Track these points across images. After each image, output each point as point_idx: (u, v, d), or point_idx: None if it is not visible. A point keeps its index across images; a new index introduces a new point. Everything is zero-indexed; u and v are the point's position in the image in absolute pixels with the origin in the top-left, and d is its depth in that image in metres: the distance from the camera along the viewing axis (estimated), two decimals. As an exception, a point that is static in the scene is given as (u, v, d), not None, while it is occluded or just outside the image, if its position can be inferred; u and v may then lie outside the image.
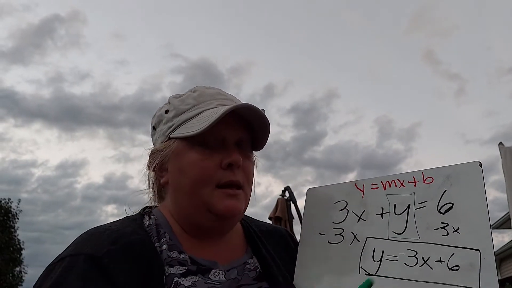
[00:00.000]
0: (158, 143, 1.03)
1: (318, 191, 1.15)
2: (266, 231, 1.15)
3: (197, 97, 1.01)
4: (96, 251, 0.85)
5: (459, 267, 0.88)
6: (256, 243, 1.08)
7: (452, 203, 0.96)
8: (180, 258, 0.93)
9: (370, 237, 1.00)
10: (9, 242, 22.50)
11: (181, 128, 0.98)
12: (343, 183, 1.12)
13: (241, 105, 0.95)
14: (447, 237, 0.92)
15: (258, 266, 1.03)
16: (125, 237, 0.89)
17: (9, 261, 22.13)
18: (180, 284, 0.88)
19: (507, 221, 15.52)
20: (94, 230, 0.92)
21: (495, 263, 0.88)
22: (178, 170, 0.97)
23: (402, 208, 1.00)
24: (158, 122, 1.04)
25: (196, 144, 0.96)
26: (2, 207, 23.04)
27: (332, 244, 1.04)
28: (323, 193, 1.13)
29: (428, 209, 0.97)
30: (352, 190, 1.09)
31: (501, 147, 4.75)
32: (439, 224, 0.94)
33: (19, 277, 22.93)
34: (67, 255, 0.86)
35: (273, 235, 1.15)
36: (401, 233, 0.97)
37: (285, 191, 6.38)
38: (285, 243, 1.15)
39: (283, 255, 1.09)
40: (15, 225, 23.44)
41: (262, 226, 1.17)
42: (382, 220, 1.01)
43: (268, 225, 1.21)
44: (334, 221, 1.07)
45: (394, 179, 1.05)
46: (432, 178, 1.01)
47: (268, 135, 1.02)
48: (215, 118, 0.92)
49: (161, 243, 0.94)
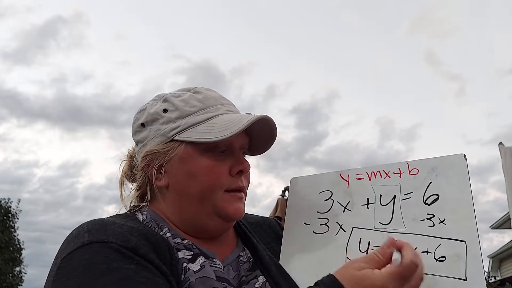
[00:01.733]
0: (153, 143, 0.98)
1: (302, 180, 1.14)
2: (255, 223, 1.15)
3: (202, 99, 0.99)
4: (123, 240, 0.82)
5: (445, 258, 0.88)
6: (246, 234, 1.08)
7: (438, 194, 0.95)
8: (185, 243, 0.94)
9: (356, 228, 0.99)
10: (9, 242, 22.51)
11: (190, 131, 0.95)
12: (327, 173, 1.11)
13: (263, 118, 0.96)
14: (433, 228, 0.92)
15: (251, 257, 1.03)
16: (135, 229, 0.88)
17: (9, 261, 22.14)
18: (189, 270, 0.88)
19: (507, 221, 15.51)
20: (102, 221, 0.88)
21: (480, 254, 0.87)
22: (186, 174, 0.95)
23: (388, 199, 0.99)
24: (151, 120, 0.99)
25: (206, 150, 0.95)
26: (2, 207, 23.06)
27: (318, 234, 1.03)
28: (308, 183, 1.12)
29: (414, 200, 0.97)
30: (337, 180, 1.08)
31: (501, 147, 4.74)
32: (425, 215, 0.94)
33: (19, 277, 22.94)
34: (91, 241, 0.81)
35: (262, 225, 1.16)
36: (387, 223, 0.97)
37: (285, 191, 6.38)
38: (274, 233, 1.15)
39: (273, 244, 1.09)
40: (15, 225, 23.48)
41: (250, 218, 1.17)
42: (368, 211, 1.00)
43: (257, 216, 1.21)
44: (319, 211, 1.06)
45: (379, 170, 1.04)
46: (418, 170, 1.00)
47: (271, 146, 1.05)
48: (239, 129, 0.91)
49: (164, 232, 0.94)
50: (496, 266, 18.79)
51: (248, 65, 60.21)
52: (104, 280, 0.74)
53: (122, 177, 1.07)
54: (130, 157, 1.08)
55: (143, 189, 1.02)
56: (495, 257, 18.35)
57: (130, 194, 1.05)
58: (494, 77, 42.23)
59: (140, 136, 1.01)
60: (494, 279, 15.86)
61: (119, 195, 1.06)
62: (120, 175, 1.07)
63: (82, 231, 0.85)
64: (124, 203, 1.05)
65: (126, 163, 1.08)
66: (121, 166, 1.08)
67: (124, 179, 1.07)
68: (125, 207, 1.04)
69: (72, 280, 0.75)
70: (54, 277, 0.78)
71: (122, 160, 1.09)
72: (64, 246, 0.84)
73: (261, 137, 1.03)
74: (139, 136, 1.02)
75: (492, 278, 16.59)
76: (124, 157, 1.09)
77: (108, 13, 60.45)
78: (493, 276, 17.63)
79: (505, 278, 14.64)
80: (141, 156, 0.99)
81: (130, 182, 1.07)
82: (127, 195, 1.06)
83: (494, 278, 16.91)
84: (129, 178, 1.07)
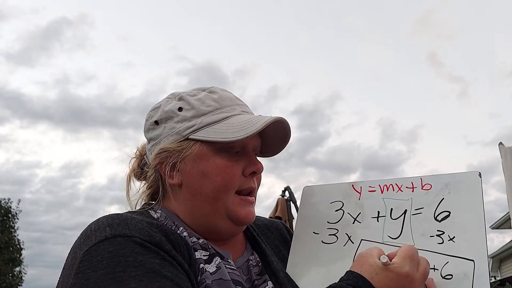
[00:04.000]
0: (167, 141, 0.97)
1: (314, 189, 1.14)
2: (263, 225, 1.15)
3: (218, 99, 0.98)
4: (147, 235, 0.81)
5: (452, 276, 0.87)
6: (255, 238, 1.07)
7: (449, 211, 0.95)
8: (201, 243, 0.93)
9: (365, 240, 0.99)
10: (9, 242, 22.49)
11: (205, 131, 0.94)
12: (340, 183, 1.11)
13: (279, 119, 0.96)
14: (442, 245, 0.91)
15: (260, 261, 1.03)
16: (154, 225, 0.87)
17: (9, 261, 22.12)
18: (206, 271, 0.88)
19: (507, 221, 15.51)
20: (121, 216, 0.87)
21: (488, 274, 0.87)
22: (199, 173, 0.95)
23: (399, 213, 0.99)
24: (165, 118, 0.98)
25: (221, 150, 0.95)
26: (2, 207, 23.03)
27: (326, 244, 1.03)
28: (319, 192, 1.12)
29: (425, 215, 0.96)
30: (349, 191, 1.07)
31: (501, 147, 4.73)
32: (435, 231, 0.94)
33: (19, 277, 22.93)
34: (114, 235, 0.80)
35: (270, 228, 1.16)
36: (396, 237, 0.96)
37: (285, 191, 6.38)
38: (282, 236, 1.15)
39: (281, 248, 1.10)
40: (15, 225, 23.46)
41: (257, 220, 1.16)
42: (378, 224, 1.00)
43: (264, 219, 1.21)
44: (329, 221, 1.06)
45: (392, 183, 1.03)
46: (431, 185, 1.00)
47: (284, 147, 1.05)
48: (256, 129, 0.91)
49: (180, 230, 0.94)
50: (496, 266, 18.80)
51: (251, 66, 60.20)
52: (131, 272, 0.74)
53: (130, 174, 1.06)
54: (140, 154, 1.07)
55: (154, 187, 1.01)
56: (495, 257, 18.35)
57: (139, 192, 1.04)
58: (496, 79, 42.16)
59: (154, 133, 1.00)
60: (494, 279, 15.86)
61: (126, 192, 1.05)
62: (128, 172, 1.06)
63: (102, 225, 0.83)
64: (130, 201, 1.04)
65: (135, 161, 1.07)
66: (130, 163, 1.07)
67: (131, 176, 1.06)
68: (130, 204, 1.03)
69: (98, 272, 0.74)
70: (77, 270, 0.76)
71: (131, 157, 1.08)
72: (83, 240, 0.82)
73: (274, 139, 1.03)
74: (152, 134, 1.01)
75: (492, 278, 16.59)
76: (127, 156, 1.08)
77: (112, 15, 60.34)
78: (493, 276, 17.64)
79: (505, 278, 14.64)
80: (154, 153, 0.98)
81: (138, 180, 1.06)
82: (133, 193, 1.05)
83: (494, 278, 16.92)
84: (138, 176, 1.06)
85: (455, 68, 48.76)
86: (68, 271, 0.79)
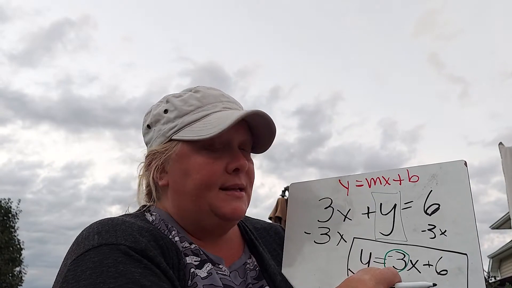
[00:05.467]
0: (155, 144, 1.00)
1: (301, 186, 1.11)
2: (261, 229, 1.15)
3: (200, 98, 0.99)
4: (132, 242, 0.82)
5: (447, 272, 0.86)
6: (253, 241, 1.07)
7: (439, 204, 0.93)
8: (192, 248, 0.94)
9: (357, 238, 0.97)
10: (9, 242, 22.51)
11: (185, 130, 0.96)
12: (327, 179, 1.08)
13: (254, 112, 0.94)
14: (434, 240, 0.90)
15: (257, 265, 1.02)
16: (145, 229, 0.88)
17: (9, 261, 22.15)
18: (197, 275, 0.88)
19: (507, 221, 15.51)
20: (112, 222, 0.88)
21: (482, 267, 0.86)
22: (182, 173, 0.95)
23: (388, 208, 0.97)
24: (155, 121, 1.01)
25: (201, 148, 0.95)
26: (2, 207, 23.07)
27: (319, 244, 1.01)
28: (307, 189, 1.09)
29: (415, 209, 0.95)
30: (337, 187, 1.05)
31: (501, 147, 4.73)
32: (426, 226, 0.92)
33: (19, 277, 22.95)
34: (101, 244, 0.81)
35: (268, 232, 1.16)
36: (388, 234, 0.95)
37: (285, 191, 6.38)
38: (281, 240, 1.14)
39: (279, 252, 1.08)
40: (15, 225, 23.48)
41: (256, 223, 1.16)
42: (369, 220, 0.98)
43: (263, 222, 1.20)
44: (319, 220, 1.04)
45: (379, 176, 1.02)
46: (418, 177, 0.98)
47: (273, 141, 1.03)
48: (228, 124, 0.90)
49: (172, 235, 0.94)
50: (496, 266, 18.79)
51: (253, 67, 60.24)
52: (110, 283, 0.75)
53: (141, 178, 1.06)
54: None
55: (149, 188, 1.03)
56: (495, 257, 18.36)
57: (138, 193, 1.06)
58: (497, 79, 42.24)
59: (147, 137, 1.04)
60: (494, 279, 15.83)
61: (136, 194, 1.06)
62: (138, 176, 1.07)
63: (92, 232, 0.85)
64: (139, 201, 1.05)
65: None
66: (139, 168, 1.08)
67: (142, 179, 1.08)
68: (138, 203, 1.05)
69: (80, 282, 0.76)
70: (63, 279, 0.79)
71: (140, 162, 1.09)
72: (74, 247, 0.85)
73: (262, 134, 1.02)
74: (147, 138, 1.04)
75: (492, 278, 16.57)
76: (129, 156, 1.11)
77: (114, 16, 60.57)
78: (493, 276, 17.63)
79: (505, 278, 14.62)
80: (144, 156, 1.02)
81: None
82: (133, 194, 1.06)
83: (494, 278, 16.89)
84: None
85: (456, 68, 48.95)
86: (58, 278, 0.82)
